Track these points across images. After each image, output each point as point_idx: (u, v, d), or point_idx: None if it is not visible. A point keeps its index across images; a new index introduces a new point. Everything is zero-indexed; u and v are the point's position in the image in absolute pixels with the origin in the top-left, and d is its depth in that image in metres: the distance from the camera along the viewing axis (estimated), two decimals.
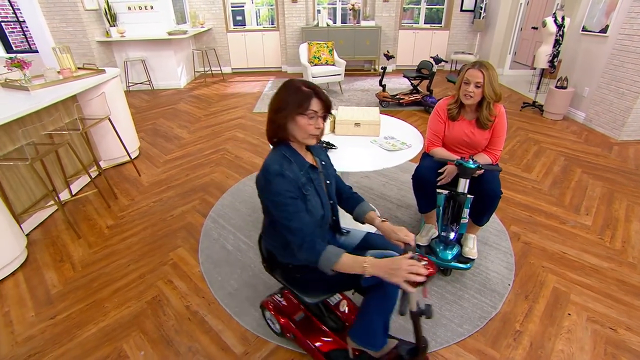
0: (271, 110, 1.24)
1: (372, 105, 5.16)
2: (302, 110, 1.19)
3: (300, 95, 1.19)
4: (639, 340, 1.71)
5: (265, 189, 1.20)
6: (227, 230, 2.54)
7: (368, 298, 1.31)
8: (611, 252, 2.24)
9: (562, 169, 3.22)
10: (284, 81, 1.26)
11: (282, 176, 1.18)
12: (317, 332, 1.55)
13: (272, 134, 1.28)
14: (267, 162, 1.23)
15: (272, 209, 1.21)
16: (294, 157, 1.26)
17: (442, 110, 1.99)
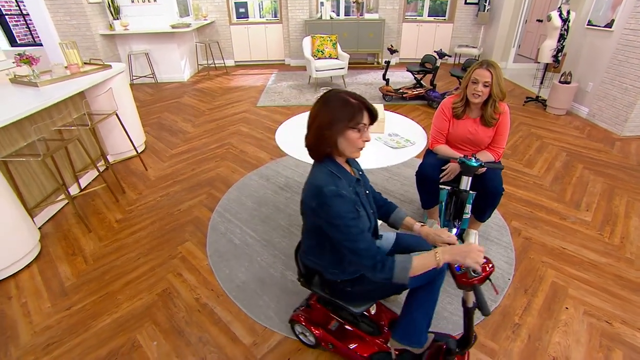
0: (320, 127, 1.15)
1: (376, 99, 5.17)
2: (353, 124, 1.14)
3: (350, 108, 1.13)
4: (633, 333, 1.77)
5: (322, 211, 1.14)
6: (233, 224, 2.60)
7: (412, 299, 1.36)
8: (610, 247, 2.29)
9: (563, 165, 3.25)
10: (326, 92, 1.20)
11: (341, 197, 1.12)
12: (355, 338, 1.57)
13: (320, 151, 1.20)
14: (318, 182, 1.15)
15: (332, 232, 1.15)
16: (341, 172, 1.21)
17: (447, 109, 2.02)
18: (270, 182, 3.12)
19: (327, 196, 1.11)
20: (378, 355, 1.51)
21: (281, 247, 2.37)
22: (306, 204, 1.19)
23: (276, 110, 4.75)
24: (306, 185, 1.22)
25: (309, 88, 5.65)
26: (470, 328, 1.25)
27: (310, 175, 1.23)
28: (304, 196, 1.20)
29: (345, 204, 1.13)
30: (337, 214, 1.12)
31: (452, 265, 1.15)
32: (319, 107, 1.17)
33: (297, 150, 2.14)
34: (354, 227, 1.13)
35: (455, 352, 1.34)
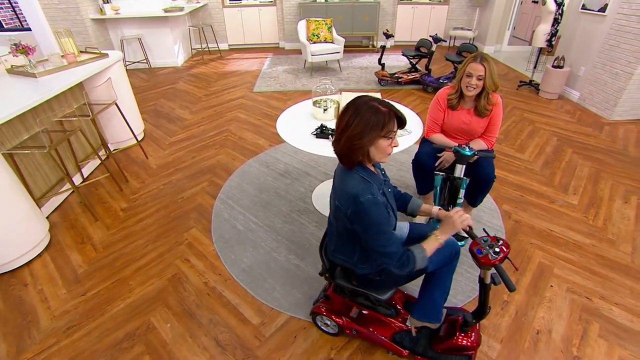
0: (351, 137, 1.19)
1: (372, 83, 5.21)
2: (384, 133, 1.18)
3: (381, 117, 1.16)
4: (610, 307, 1.92)
5: (357, 218, 1.21)
6: (236, 210, 2.69)
7: (431, 280, 1.48)
8: (593, 229, 2.44)
9: (554, 149, 3.37)
10: (354, 100, 1.22)
11: (376, 205, 1.19)
12: (375, 321, 1.69)
13: (352, 160, 1.24)
14: (354, 190, 1.21)
15: (365, 237, 1.24)
16: (371, 177, 1.26)
17: (442, 100, 2.10)
18: (270, 168, 3.20)
19: (364, 205, 1.19)
20: (399, 335, 1.64)
21: (283, 232, 2.48)
22: (341, 210, 1.26)
23: (272, 96, 4.77)
24: (339, 191, 1.28)
25: (305, 72, 5.65)
26: (486, 301, 1.38)
27: (341, 181, 1.29)
28: (339, 203, 1.27)
29: (379, 211, 1.21)
30: (372, 222, 1.21)
31: (474, 250, 1.26)
32: (350, 117, 1.19)
33: (297, 139, 2.21)
34: (387, 232, 1.24)
35: (472, 323, 1.47)
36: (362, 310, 1.72)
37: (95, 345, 1.76)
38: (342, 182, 1.28)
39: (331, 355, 1.72)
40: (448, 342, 1.55)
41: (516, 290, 1.99)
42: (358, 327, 1.68)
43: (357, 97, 1.25)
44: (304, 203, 2.76)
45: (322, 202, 2.74)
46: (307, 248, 2.35)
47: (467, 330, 1.53)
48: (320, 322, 1.80)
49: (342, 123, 1.22)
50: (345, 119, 1.21)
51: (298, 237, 2.44)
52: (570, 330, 1.82)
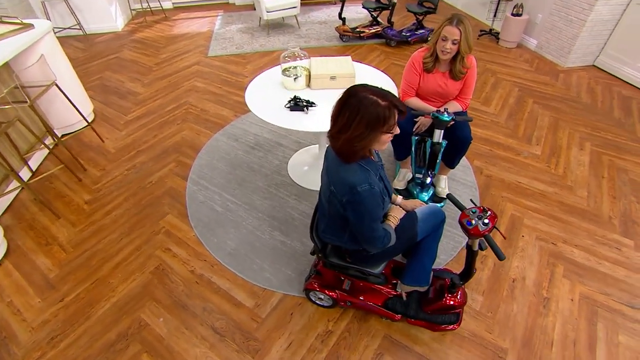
0: (352, 139, 1.14)
1: (333, 40, 4.98)
2: (386, 129, 1.15)
3: (381, 112, 1.11)
4: (572, 249, 2.12)
5: (352, 206, 1.22)
6: (211, 191, 2.58)
7: (420, 246, 1.53)
8: (555, 177, 2.61)
9: (516, 100, 3.48)
10: (351, 94, 1.14)
11: (372, 195, 1.20)
12: (367, 290, 1.74)
13: (353, 158, 1.21)
14: (352, 179, 1.20)
15: (357, 224, 1.27)
16: (368, 164, 1.26)
17: (417, 63, 2.04)
18: (240, 142, 3.06)
19: (361, 194, 1.18)
20: (391, 300, 1.72)
21: (263, 208, 2.43)
22: (336, 196, 1.26)
23: (230, 60, 4.44)
24: (335, 178, 1.26)
25: (261, 31, 5.26)
26: (472, 265, 1.45)
27: (337, 167, 1.25)
28: (335, 189, 1.25)
29: (374, 200, 1.22)
30: (366, 211, 1.22)
31: (463, 222, 1.30)
32: (349, 116, 1.13)
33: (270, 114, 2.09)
34: (376, 220, 1.26)
35: (459, 285, 1.56)
36: (354, 282, 1.77)
37: (87, 352, 1.69)
38: (338, 169, 1.25)
39: (329, 327, 1.78)
40: (437, 303, 1.64)
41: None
42: (351, 299, 1.74)
43: (353, 88, 1.17)
44: (280, 176, 2.70)
45: (299, 173, 2.70)
46: (290, 223, 2.34)
47: (455, 291, 1.63)
48: (314, 297, 1.84)
49: (341, 122, 1.15)
50: (344, 118, 1.14)
51: (279, 212, 2.41)
52: (540, 275, 1.99)
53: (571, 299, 1.89)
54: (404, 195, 2.35)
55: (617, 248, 2.13)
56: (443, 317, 1.67)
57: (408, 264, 1.65)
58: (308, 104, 2.11)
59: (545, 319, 1.81)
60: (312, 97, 2.22)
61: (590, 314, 1.83)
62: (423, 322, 1.69)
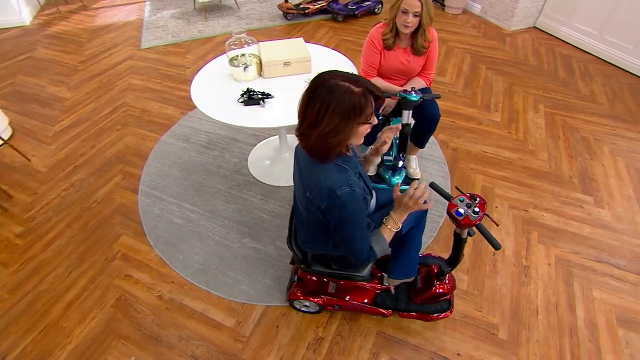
0: (325, 135, 0.99)
1: (276, 19, 4.68)
2: (363, 119, 1.01)
3: (356, 100, 0.97)
4: (542, 214, 2.18)
5: (333, 212, 1.08)
6: (167, 202, 2.34)
7: (405, 239, 1.45)
8: (517, 143, 2.66)
9: (470, 68, 3.48)
10: (319, 82, 0.99)
11: (354, 198, 1.07)
12: (354, 289, 1.64)
13: (328, 157, 1.07)
14: (330, 182, 1.06)
15: (339, 230, 1.13)
16: (346, 162, 1.12)
17: (377, 40, 1.91)
18: (191, 142, 2.79)
19: (342, 199, 1.04)
20: (379, 296, 1.66)
21: (228, 214, 2.24)
22: (313, 203, 1.11)
23: (167, 51, 4.02)
24: (310, 182, 1.11)
25: (198, 16, 4.82)
26: (461, 252, 1.39)
27: (311, 169, 1.11)
28: (311, 196, 1.11)
29: (357, 204, 1.08)
30: (349, 217, 1.09)
31: (452, 212, 1.22)
32: (319, 108, 0.97)
33: (222, 111, 1.89)
34: (359, 227, 1.13)
35: (448, 271, 1.50)
36: (338, 282, 1.67)
37: None
38: (313, 171, 1.11)
39: (319, 334, 1.69)
40: (427, 293, 1.60)
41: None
42: (339, 302, 1.65)
43: (320, 76, 1.01)
44: (241, 175, 2.50)
45: (261, 170, 2.51)
46: (260, 226, 2.18)
47: (443, 278, 1.59)
48: (299, 304, 1.73)
49: (311, 115, 1.00)
50: (314, 111, 0.98)
51: (246, 216, 2.23)
52: (517, 244, 2.02)
53: (548, 263, 1.94)
54: (375, 181, 2.26)
55: (580, 206, 2.22)
56: (435, 306, 1.63)
57: (394, 258, 1.58)
58: (264, 96, 1.92)
59: (528, 288, 1.84)
60: (267, 87, 2.02)
61: (566, 275, 1.89)
62: (415, 314, 1.65)
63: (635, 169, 2.44)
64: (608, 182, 2.35)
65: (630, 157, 2.53)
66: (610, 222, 2.13)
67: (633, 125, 2.80)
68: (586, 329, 1.70)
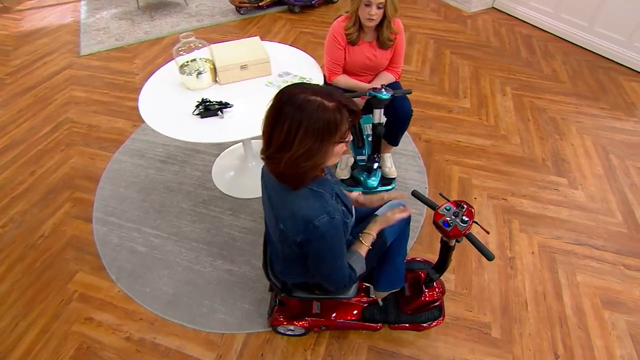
0: (297, 159, 0.87)
1: (229, 14, 4.45)
2: (339, 138, 0.90)
3: (331, 116, 0.85)
4: (520, 201, 2.18)
5: (311, 245, 0.99)
6: (126, 228, 2.14)
7: (390, 250, 1.39)
8: (489, 129, 2.65)
9: (434, 54, 3.45)
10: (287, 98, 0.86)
11: (334, 228, 0.96)
12: (339, 307, 1.58)
13: (302, 183, 0.96)
14: (305, 211, 0.95)
15: (316, 262, 1.04)
16: (322, 186, 1.01)
17: (340, 36, 1.79)
18: (147, 158, 2.58)
19: (320, 230, 0.94)
20: (368, 310, 1.59)
21: (196, 235, 2.09)
22: (287, 236, 1.00)
23: (112, 57, 3.70)
24: (282, 211, 1.00)
25: (143, 15, 4.48)
26: (448, 258, 1.34)
27: (282, 197, 1.00)
28: (285, 227, 1.00)
29: (337, 232, 0.98)
30: (327, 249, 0.99)
31: (439, 223, 1.16)
32: (287, 129, 0.84)
33: (175, 126, 1.72)
34: (340, 257, 1.04)
35: (436, 278, 1.45)
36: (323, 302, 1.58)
37: None
38: (284, 199, 0.99)
39: (307, 357, 1.60)
40: (417, 302, 1.54)
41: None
42: (325, 322, 1.57)
43: (287, 91, 0.88)
44: (205, 190, 2.34)
45: (227, 182, 2.37)
46: (232, 245, 2.04)
47: (432, 285, 1.53)
48: (283, 329, 1.62)
49: (278, 138, 0.87)
50: (281, 132, 0.86)
51: (216, 235, 2.09)
52: (500, 235, 2.02)
53: (532, 252, 1.94)
54: (350, 184, 2.18)
55: (556, 189, 2.25)
56: (426, 314, 1.58)
57: (379, 270, 1.50)
58: (221, 106, 1.76)
59: (515, 280, 1.83)
60: (224, 94, 1.87)
61: (550, 262, 1.90)
62: (406, 325, 1.59)
63: (602, 146, 2.51)
64: (579, 162, 2.40)
65: (595, 135, 2.59)
66: (585, 203, 2.17)
67: (594, 101, 2.88)
68: (574, 316, 1.71)
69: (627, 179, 2.29)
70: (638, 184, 2.26)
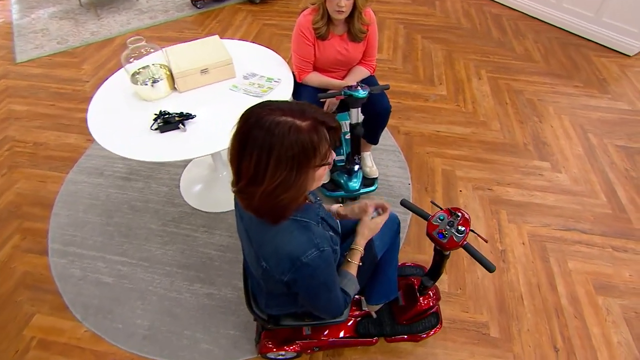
0: (272, 191, 0.76)
1: (185, 9, 4.20)
2: (319, 161, 0.79)
3: (307, 139, 0.74)
4: (506, 190, 2.18)
5: (300, 283, 0.89)
6: (88, 258, 1.98)
7: (382, 261, 1.34)
8: (468, 116, 2.63)
9: (405, 40, 3.39)
10: (251, 121, 0.75)
11: (325, 260, 0.88)
12: (332, 325, 1.51)
13: (281, 217, 0.85)
14: (289, 248, 0.85)
15: (308, 299, 0.97)
16: (306, 214, 0.91)
17: (307, 31, 1.68)
18: (107, 175, 2.39)
19: (309, 266, 0.85)
20: (362, 324, 1.54)
21: (168, 258, 1.95)
22: (271, 274, 0.89)
23: (55, 62, 3.41)
24: (263, 247, 0.90)
25: (87, 13, 4.16)
26: (443, 266, 1.29)
27: (262, 230, 0.89)
28: (268, 265, 0.89)
29: (327, 266, 0.90)
30: (318, 285, 0.91)
31: (433, 235, 1.11)
32: (258, 158, 0.73)
33: (131, 145, 1.59)
34: (333, 289, 0.96)
35: (431, 285, 1.40)
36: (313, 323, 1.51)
37: None
38: (265, 235, 0.89)
39: None
40: (412, 311, 1.50)
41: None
42: (318, 343, 1.50)
43: (252, 113, 0.77)
44: (174, 206, 2.19)
45: (197, 196, 2.24)
46: (210, 265, 1.93)
47: (427, 292, 1.49)
48: (274, 355, 1.54)
49: (248, 169, 0.76)
50: (250, 163, 0.74)
51: (190, 256, 1.96)
52: (489, 227, 2.00)
53: (522, 242, 1.94)
54: (331, 188, 2.09)
55: (540, 174, 2.26)
56: (423, 323, 1.54)
57: (372, 283, 1.45)
58: (183, 118, 1.62)
59: (508, 274, 1.82)
60: (185, 103, 1.73)
61: (541, 251, 1.91)
62: (404, 336, 1.54)
63: (580, 126, 2.54)
64: (559, 144, 2.42)
65: (572, 114, 2.63)
66: (569, 186, 2.19)
67: (568, 80, 2.92)
68: (570, 305, 1.72)
69: (606, 157, 2.33)
70: (617, 163, 2.30)
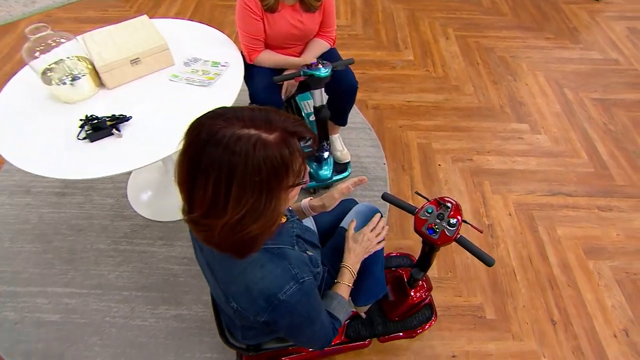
0: (236, 224, 0.62)
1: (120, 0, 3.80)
2: (293, 181, 0.65)
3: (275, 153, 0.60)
4: (486, 159, 2.17)
5: (279, 323, 0.79)
6: (24, 294, 1.78)
7: (368, 261, 1.26)
8: (439, 81, 2.58)
9: (363, 1, 3.25)
10: (203, 136, 0.59)
11: (306, 293, 0.78)
12: None
13: (249, 251, 0.72)
14: (261, 286, 0.73)
15: (291, 335, 0.89)
16: (279, 239, 0.81)
17: (253, 3, 1.52)
18: (35, 193, 2.16)
19: (289, 303, 0.74)
20: (351, 327, 1.51)
21: (124, 282, 1.81)
22: (246, 316, 0.78)
23: None
24: (230, 285, 0.78)
25: None
26: (433, 258, 1.26)
27: (227, 266, 0.78)
28: (239, 306, 0.77)
29: (308, 298, 0.80)
30: (303, 319, 0.82)
31: (423, 231, 1.06)
32: (215, 185, 0.59)
33: (50, 160, 1.38)
34: (318, 320, 0.87)
35: (421, 276, 1.37)
36: None
37: None
38: (231, 271, 0.77)
39: None
40: (404, 306, 1.47)
41: (417, 189, 2.00)
42: (305, 356, 1.45)
43: (204, 125, 0.60)
44: (125, 219, 2.02)
45: (149, 204, 2.08)
46: (173, 282, 1.80)
47: (417, 284, 1.45)
48: None
49: (202, 198, 0.60)
50: (207, 190, 0.59)
51: (150, 275, 1.82)
52: (473, 201, 1.99)
53: (509, 213, 1.94)
54: None
55: (520, 137, 2.26)
56: (417, 317, 1.52)
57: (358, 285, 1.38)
58: (116, 121, 1.43)
59: (498, 249, 1.83)
60: (117, 103, 1.53)
61: (529, 220, 1.92)
62: (399, 333, 1.51)
63: (555, 81, 2.56)
64: (536, 103, 2.43)
65: (546, 69, 2.64)
66: (550, 147, 2.21)
67: (539, 32, 2.92)
68: (562, 274, 1.75)
69: (584, 112, 2.37)
70: (595, 117, 2.35)
